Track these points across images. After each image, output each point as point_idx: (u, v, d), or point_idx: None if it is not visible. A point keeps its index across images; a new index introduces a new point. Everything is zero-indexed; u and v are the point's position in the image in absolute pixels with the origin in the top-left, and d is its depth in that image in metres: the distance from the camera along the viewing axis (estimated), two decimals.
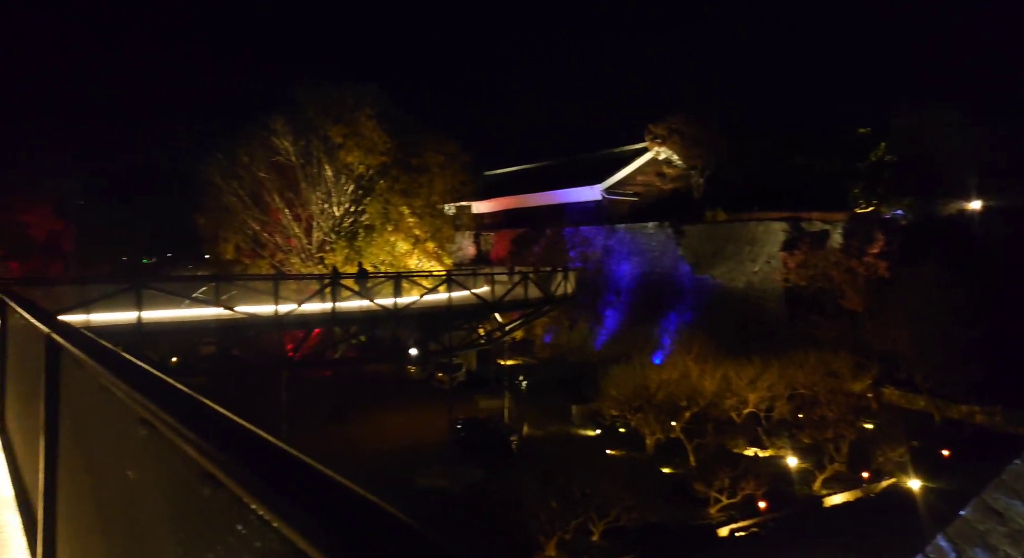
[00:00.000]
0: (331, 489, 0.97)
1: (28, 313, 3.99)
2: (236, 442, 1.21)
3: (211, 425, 1.32)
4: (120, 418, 1.97)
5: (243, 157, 40.17)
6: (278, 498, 1.00)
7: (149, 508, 1.81)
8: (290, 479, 1.03)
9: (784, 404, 28.54)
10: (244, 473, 1.10)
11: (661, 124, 48.05)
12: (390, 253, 40.87)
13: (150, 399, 1.59)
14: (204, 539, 1.38)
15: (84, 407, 2.64)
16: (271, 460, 1.11)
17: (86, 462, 2.68)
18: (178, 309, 19.71)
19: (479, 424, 29.15)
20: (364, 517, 0.90)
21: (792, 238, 38.12)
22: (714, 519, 22.53)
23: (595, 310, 42.72)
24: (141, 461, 1.82)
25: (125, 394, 1.81)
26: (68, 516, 3.00)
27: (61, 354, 3.09)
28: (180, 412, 1.43)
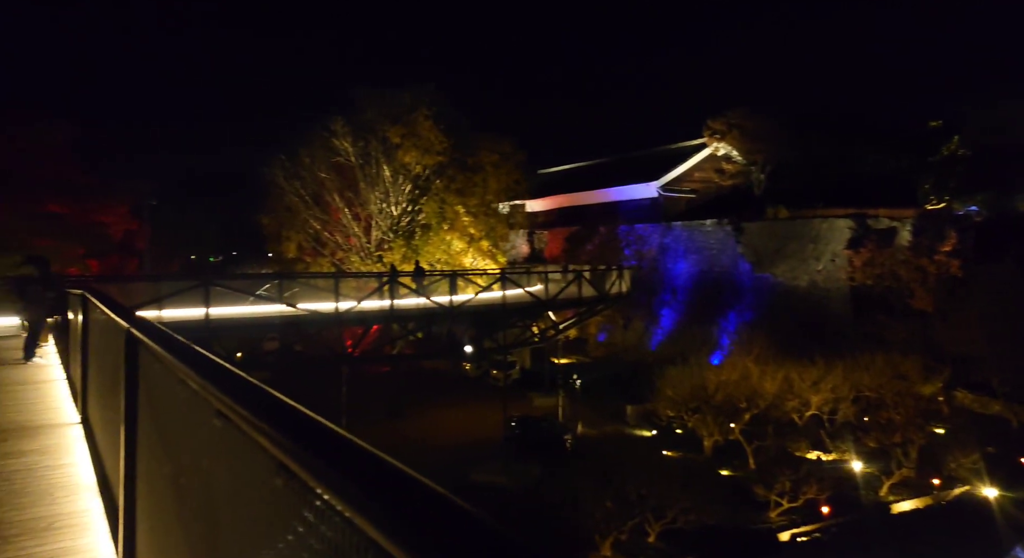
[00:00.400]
0: (401, 481, 1.00)
1: (109, 309, 4.20)
2: (309, 435, 1.26)
3: (285, 419, 1.37)
4: (196, 410, 2.06)
5: (304, 158, 41.23)
6: (350, 488, 1.03)
7: (223, 495, 1.90)
8: (360, 471, 1.07)
9: (848, 407, 27.63)
10: (318, 465, 1.14)
11: (720, 119, 47.00)
12: (446, 252, 41.29)
13: (225, 393, 1.67)
14: (276, 526, 1.44)
15: (162, 399, 2.77)
16: (342, 453, 1.15)
17: (164, 451, 2.81)
18: (243, 306, 20.39)
19: (534, 422, 29.17)
20: (431, 507, 0.93)
21: (858, 235, 36.81)
22: (775, 523, 22.00)
23: (650, 309, 42.17)
24: (216, 451, 1.90)
25: (201, 387, 1.89)
26: (147, 501, 3.16)
27: (140, 348, 3.25)
28: (255, 406, 1.49)
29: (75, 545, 3.73)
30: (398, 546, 0.88)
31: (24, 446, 5.82)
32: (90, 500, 4.46)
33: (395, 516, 0.92)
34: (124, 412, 3.36)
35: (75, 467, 5.24)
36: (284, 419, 1.37)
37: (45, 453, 5.63)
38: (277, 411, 1.43)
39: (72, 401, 7.71)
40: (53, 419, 6.95)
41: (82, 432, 6.28)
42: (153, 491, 3.06)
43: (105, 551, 3.66)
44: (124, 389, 3.35)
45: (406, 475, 1.02)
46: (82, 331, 6.72)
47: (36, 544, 3.72)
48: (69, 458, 5.50)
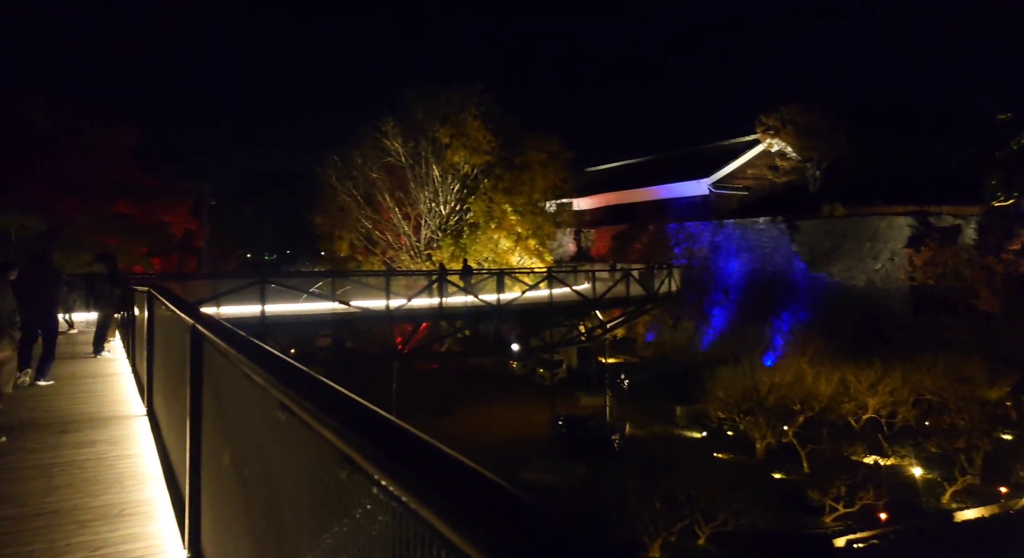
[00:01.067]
0: (463, 473, 1.03)
1: (175, 306, 4.38)
2: (372, 428, 1.30)
3: (348, 412, 1.42)
4: (260, 403, 2.15)
5: (356, 159, 41.98)
6: (414, 479, 1.07)
7: (286, 485, 1.97)
8: (423, 463, 1.11)
9: (908, 410, 26.70)
10: (382, 457, 1.18)
11: (773, 114, 45.94)
12: (493, 250, 41.47)
13: (290, 387, 1.73)
14: (339, 516, 1.50)
15: (226, 393, 2.88)
16: (405, 445, 1.19)
17: (228, 443, 2.93)
18: (297, 303, 20.92)
19: (581, 421, 29.07)
20: (493, 498, 0.95)
21: (918, 234, 35.50)
22: (830, 528, 21.42)
23: (701, 309, 41.52)
24: (280, 443, 1.97)
25: (266, 381, 1.97)
26: (211, 491, 3.29)
27: (204, 344, 3.38)
28: (319, 399, 1.55)
29: (144, 531, 3.91)
30: (461, 536, 0.91)
31: (95, 436, 6.11)
32: (156, 489, 4.65)
33: (458, 507, 0.95)
34: (189, 405, 3.50)
35: (142, 457, 5.48)
36: (348, 412, 1.42)
37: (114, 443, 5.90)
38: (341, 405, 1.48)
39: (138, 394, 8.04)
40: (121, 411, 7.27)
41: (148, 424, 6.55)
42: (217, 481, 3.19)
43: (172, 538, 3.82)
44: (189, 383, 3.49)
45: (468, 467, 1.05)
46: (148, 327, 7.01)
47: (109, 529, 3.91)
48: (136, 449, 5.75)
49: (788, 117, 45.14)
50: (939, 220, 36.08)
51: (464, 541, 0.91)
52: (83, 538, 3.76)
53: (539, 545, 0.83)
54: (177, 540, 3.76)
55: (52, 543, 3.68)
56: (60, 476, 4.89)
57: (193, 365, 3.48)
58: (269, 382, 1.94)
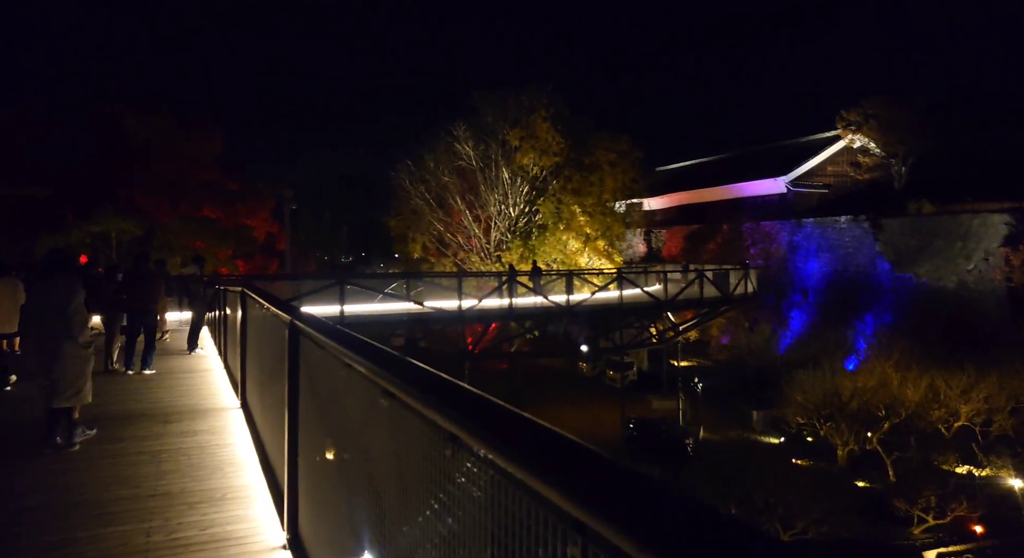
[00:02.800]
0: (562, 443, 1.14)
1: (270, 304, 4.67)
2: (475, 408, 1.43)
3: (452, 394, 1.56)
4: (362, 391, 2.32)
5: (428, 162, 42.83)
6: (519, 453, 1.19)
7: (388, 467, 2.13)
8: (528, 437, 1.22)
9: (1005, 418, 25.15)
10: (487, 433, 1.31)
11: (855, 109, 44.11)
12: (562, 251, 41.48)
13: (394, 374, 1.89)
14: (443, 493, 1.63)
15: (323, 383, 3.08)
16: (507, 422, 1.31)
17: (326, 431, 3.13)
18: (373, 303, 21.55)
19: (652, 424, 28.72)
20: (604, 471, 1.06)
21: (1016, 231, 33.37)
22: (918, 540, 20.43)
23: (778, 311, 40.30)
24: (381, 427, 2.13)
25: (369, 371, 2.13)
26: (308, 477, 3.52)
27: (301, 338, 3.62)
28: (424, 384, 1.69)
29: (246, 514, 4.20)
30: (575, 504, 1.01)
31: (196, 426, 6.55)
32: (254, 476, 4.97)
33: (564, 475, 1.06)
34: (288, 396, 3.75)
35: (239, 446, 5.85)
36: (452, 395, 1.56)
37: (213, 433, 6.31)
38: (444, 388, 1.62)
39: (231, 388, 8.53)
40: (216, 403, 7.75)
41: (242, 416, 6.96)
42: (313, 467, 3.41)
43: (270, 519, 4.09)
44: (288, 375, 3.74)
45: (567, 439, 1.15)
46: (241, 325, 7.44)
47: (215, 511, 4.23)
48: (233, 438, 6.14)
49: (871, 111, 43.25)
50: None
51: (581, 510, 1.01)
52: (193, 518, 4.08)
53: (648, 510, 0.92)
54: (275, 522, 4.02)
55: (167, 521, 4.01)
56: (168, 462, 5.29)
57: (291, 359, 3.72)
58: (372, 371, 2.10)
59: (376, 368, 2.05)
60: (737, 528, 0.83)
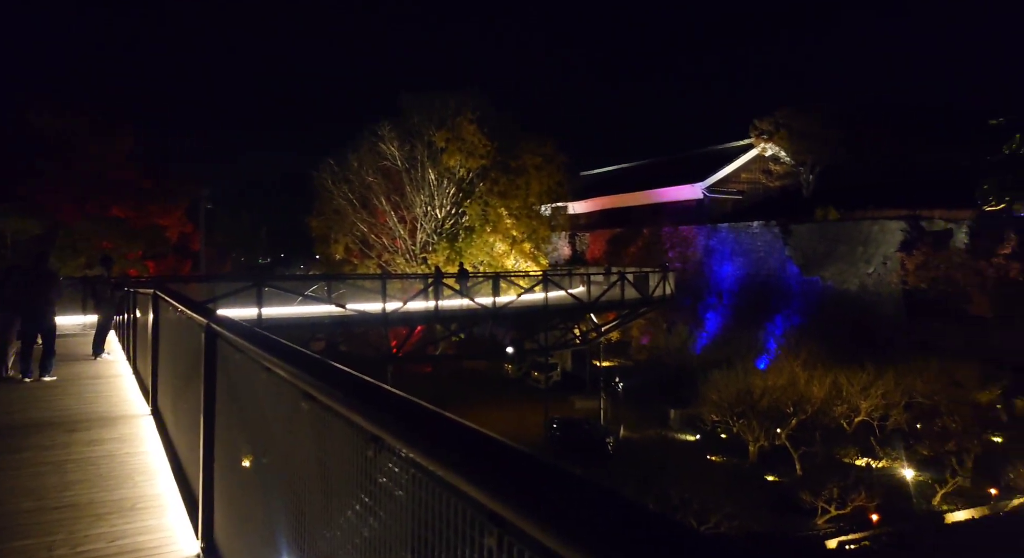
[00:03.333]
0: (484, 441, 1.19)
1: (185, 307, 4.53)
2: (398, 409, 1.46)
3: (374, 396, 1.58)
4: (283, 395, 2.30)
5: (353, 162, 42.11)
6: (442, 451, 1.23)
7: (308, 471, 2.13)
8: (449, 435, 1.27)
9: (900, 413, 26.96)
10: (410, 434, 1.35)
11: (767, 119, 46.30)
12: (488, 254, 41.63)
13: (316, 377, 1.89)
14: (365, 494, 1.65)
15: (243, 387, 3.03)
16: (428, 422, 1.35)
17: (245, 436, 3.08)
18: (293, 306, 21.03)
19: (575, 424, 29.22)
20: (511, 461, 1.11)
21: (911, 238, 35.84)
22: (822, 530, 21.61)
23: (695, 312, 41.77)
24: (302, 431, 2.13)
25: (290, 374, 2.13)
26: (224, 484, 3.43)
27: (219, 341, 3.53)
28: (346, 387, 1.71)
29: (158, 524, 4.05)
30: (491, 496, 1.06)
31: (104, 434, 6.25)
32: (166, 484, 4.80)
33: (480, 469, 1.11)
34: (203, 401, 3.65)
35: (150, 454, 5.62)
36: (371, 396, 1.58)
37: (123, 441, 6.04)
38: (363, 390, 1.64)
39: (141, 394, 8.17)
40: (126, 410, 7.40)
41: (153, 423, 6.69)
42: (230, 474, 3.33)
43: (184, 529, 3.96)
44: (204, 380, 3.64)
45: (487, 436, 1.21)
46: (152, 328, 7.14)
47: (125, 522, 4.06)
48: (144, 446, 5.89)
49: (782, 121, 45.49)
50: (931, 224, 36.44)
51: (489, 499, 1.07)
52: (101, 530, 3.91)
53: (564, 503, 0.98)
54: (189, 531, 3.90)
55: (72, 534, 3.82)
56: (74, 472, 5.03)
57: (207, 363, 3.63)
58: (293, 374, 2.09)
59: (297, 371, 2.05)
60: (646, 516, 0.89)
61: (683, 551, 0.82)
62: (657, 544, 0.83)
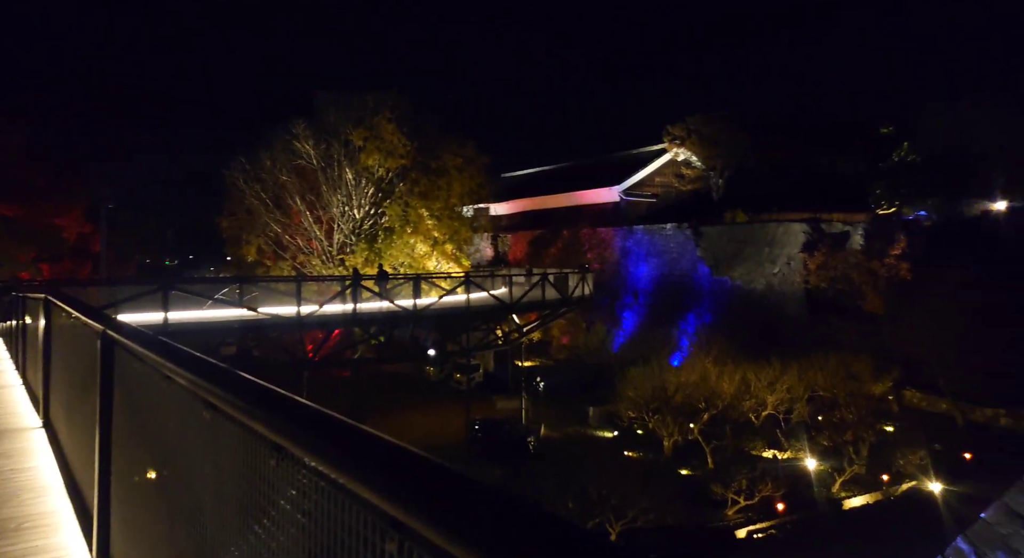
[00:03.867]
0: (393, 451, 1.19)
1: (80, 313, 4.27)
2: (300, 417, 1.43)
3: (276, 404, 1.54)
4: (184, 404, 2.21)
5: (265, 161, 40.73)
6: (344, 459, 1.22)
7: (211, 483, 2.05)
8: (352, 443, 1.25)
9: (803, 406, 28.45)
10: (314, 441, 1.32)
11: (679, 125, 47.98)
12: (409, 255, 41.20)
13: (217, 385, 1.83)
14: (269, 504, 1.61)
15: (141, 397, 2.88)
16: (332, 429, 1.33)
17: (144, 448, 2.93)
18: (201, 310, 20.13)
19: (497, 425, 29.34)
20: (412, 466, 1.11)
21: (812, 239, 37.93)
22: (732, 521, 22.54)
23: (613, 312, 42.76)
24: (204, 441, 2.05)
25: (191, 382, 2.04)
26: (122, 499, 3.26)
27: (116, 349, 3.35)
28: (248, 394, 1.66)
29: (47, 544, 3.80)
30: (391, 502, 1.06)
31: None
32: (59, 501, 4.50)
33: (381, 476, 1.11)
34: (99, 412, 3.45)
35: (40, 470, 5.26)
36: (273, 404, 1.54)
37: (9, 457, 5.62)
38: (266, 397, 1.60)
39: (32, 405, 7.64)
40: (14, 424, 6.90)
41: (44, 436, 6.26)
42: (129, 488, 3.17)
43: (77, 549, 3.73)
44: (100, 389, 3.44)
45: (389, 442, 1.20)
46: (44, 336, 6.69)
47: (7, 544, 3.77)
48: (33, 461, 5.51)
49: (692, 127, 47.25)
50: (830, 226, 38.67)
51: (389, 505, 1.06)
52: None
53: (469, 507, 0.99)
54: (84, 551, 3.68)
55: None
56: None
57: (104, 372, 3.44)
58: (193, 382, 2.01)
59: (197, 379, 1.97)
60: (542, 517, 0.91)
61: (574, 551, 0.84)
62: (551, 545, 0.85)
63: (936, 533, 21.37)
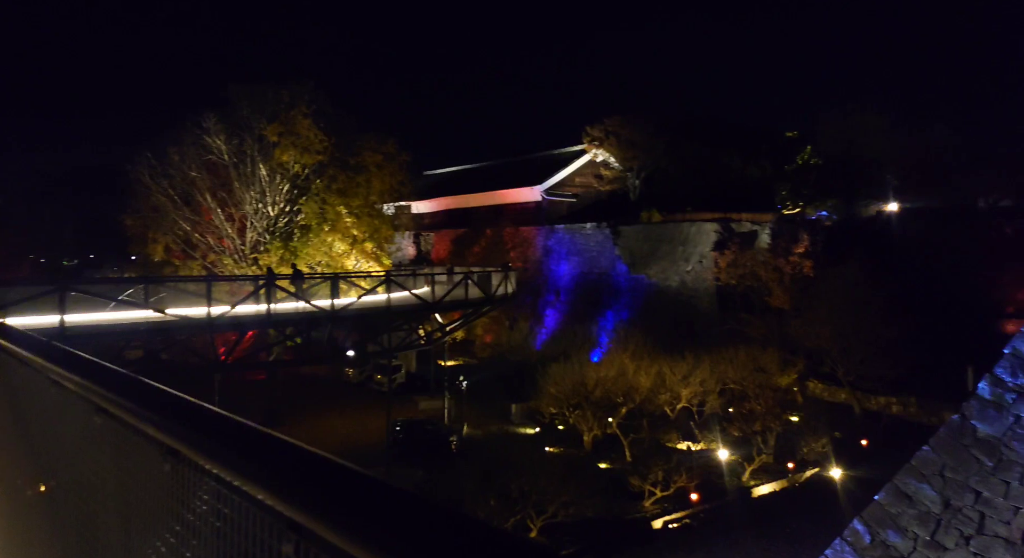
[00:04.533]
0: (292, 453, 1.16)
1: None
2: (195, 419, 1.38)
3: (170, 407, 1.48)
4: (74, 411, 2.08)
5: (173, 155, 38.86)
6: (239, 461, 1.18)
7: (103, 491, 1.94)
8: (246, 443, 1.22)
9: (715, 399, 29.58)
10: (208, 444, 1.27)
11: (598, 126, 48.94)
12: (327, 254, 40.24)
13: (108, 389, 1.73)
14: (163, 509, 1.54)
15: (29, 404, 2.70)
16: (227, 431, 1.29)
17: (28, 459, 2.75)
18: (104, 312, 19.04)
19: (418, 425, 29.13)
20: (310, 467, 1.09)
21: (723, 238, 39.49)
22: (648, 512, 23.19)
23: (535, 310, 43.22)
24: (96, 447, 1.94)
25: (80, 387, 1.93)
26: (8, 513, 3.05)
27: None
28: (140, 398, 1.58)
29: None
30: (287, 504, 1.04)
31: None
32: None
33: (277, 478, 1.08)
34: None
35: None
36: (170, 407, 1.48)
37: None
38: (159, 400, 1.53)
39: None
40: None
41: None
42: (12, 502, 2.97)
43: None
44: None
45: (292, 446, 1.17)
46: None
47: None
48: None
49: (611, 129, 48.32)
50: (739, 226, 40.38)
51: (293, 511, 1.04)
52: None
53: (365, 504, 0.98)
54: None
55: None
56: None
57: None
58: (83, 387, 1.91)
59: (86, 383, 1.87)
60: (440, 514, 0.91)
61: (472, 546, 0.84)
62: (448, 541, 0.85)
63: (837, 516, 22.72)
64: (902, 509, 7.62)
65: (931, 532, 7.23)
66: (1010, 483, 6.99)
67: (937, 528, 7.21)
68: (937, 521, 7.25)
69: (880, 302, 30.09)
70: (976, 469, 7.28)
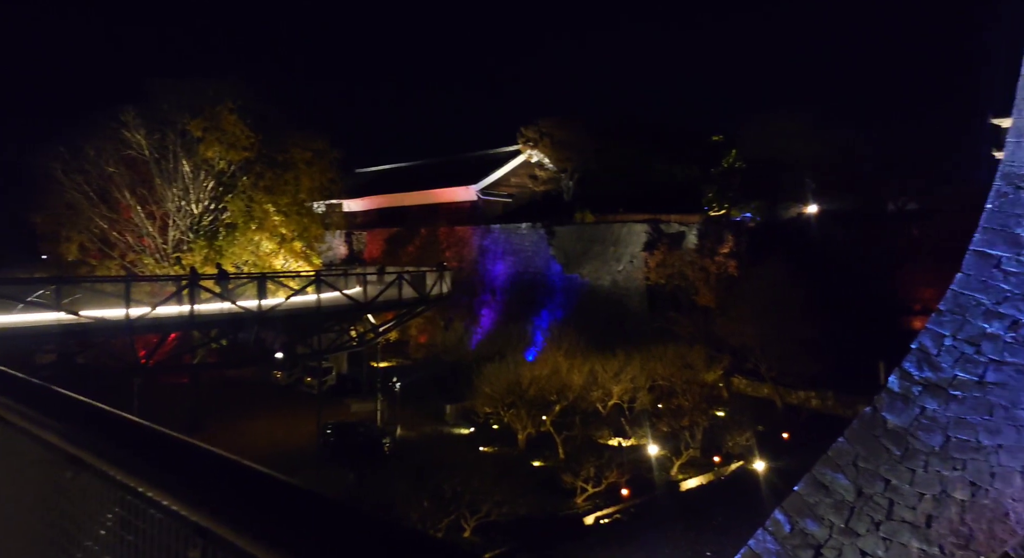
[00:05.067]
0: (199, 457, 1.12)
1: None
2: (99, 424, 1.31)
3: (70, 411, 1.41)
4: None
5: (89, 150, 36.94)
6: (148, 469, 1.13)
7: (2, 501, 1.82)
8: (158, 451, 1.17)
9: (645, 395, 30.24)
10: (111, 450, 1.22)
11: (532, 127, 49.33)
12: (254, 253, 39.09)
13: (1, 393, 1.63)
14: (69, 520, 1.46)
15: None
16: (136, 437, 1.24)
17: None
18: (11, 314, 17.95)
19: (350, 428, 28.64)
20: (225, 475, 1.06)
21: (652, 239, 40.45)
22: (580, 508, 23.51)
23: (471, 309, 43.17)
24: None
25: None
26: None
27: None
28: (37, 401, 1.49)
29: None
30: (194, 510, 1.00)
31: None
32: None
33: (183, 483, 1.04)
34: None
35: None
36: (69, 411, 1.41)
37: None
38: (61, 404, 1.45)
39: None
40: None
41: None
42: None
43: None
44: None
45: (201, 450, 1.13)
46: None
47: None
48: None
49: (545, 130, 48.79)
50: (668, 227, 41.44)
51: (200, 516, 1.00)
52: None
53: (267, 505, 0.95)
54: None
55: None
56: None
57: None
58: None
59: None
60: (351, 516, 0.89)
61: (381, 547, 0.83)
62: (357, 543, 0.84)
63: (761, 507, 23.60)
64: (819, 498, 7.97)
65: (845, 519, 7.58)
66: (915, 471, 7.42)
67: (851, 515, 7.57)
68: (851, 509, 7.61)
69: (800, 301, 31.38)
70: (886, 458, 7.68)
